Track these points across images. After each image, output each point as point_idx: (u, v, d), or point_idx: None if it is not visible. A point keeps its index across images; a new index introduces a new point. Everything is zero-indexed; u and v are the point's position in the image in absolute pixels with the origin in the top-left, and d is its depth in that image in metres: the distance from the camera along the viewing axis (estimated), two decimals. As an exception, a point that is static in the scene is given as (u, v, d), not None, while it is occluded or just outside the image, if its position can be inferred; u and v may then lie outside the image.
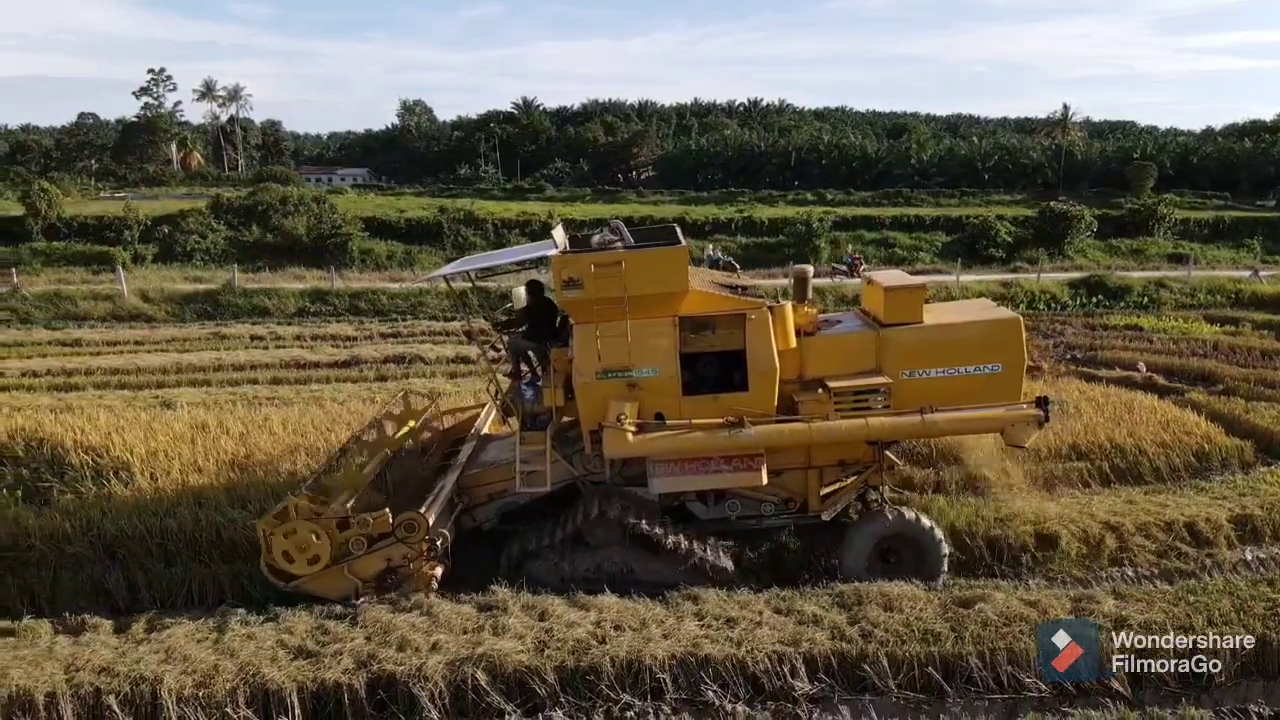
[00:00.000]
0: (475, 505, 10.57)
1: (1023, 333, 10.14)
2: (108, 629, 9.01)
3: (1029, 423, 9.70)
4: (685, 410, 9.61)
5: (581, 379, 9.60)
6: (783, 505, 10.51)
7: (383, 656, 8.32)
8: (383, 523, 9.27)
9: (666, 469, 9.74)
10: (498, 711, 8.03)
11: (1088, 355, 23.62)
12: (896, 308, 10.01)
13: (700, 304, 9.71)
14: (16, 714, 7.79)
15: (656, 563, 9.97)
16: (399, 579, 9.42)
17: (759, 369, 9.63)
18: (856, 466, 10.44)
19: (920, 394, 9.69)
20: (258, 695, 7.98)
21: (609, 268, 9.22)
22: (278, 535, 9.21)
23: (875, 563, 10.21)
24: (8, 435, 13.97)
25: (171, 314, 27.76)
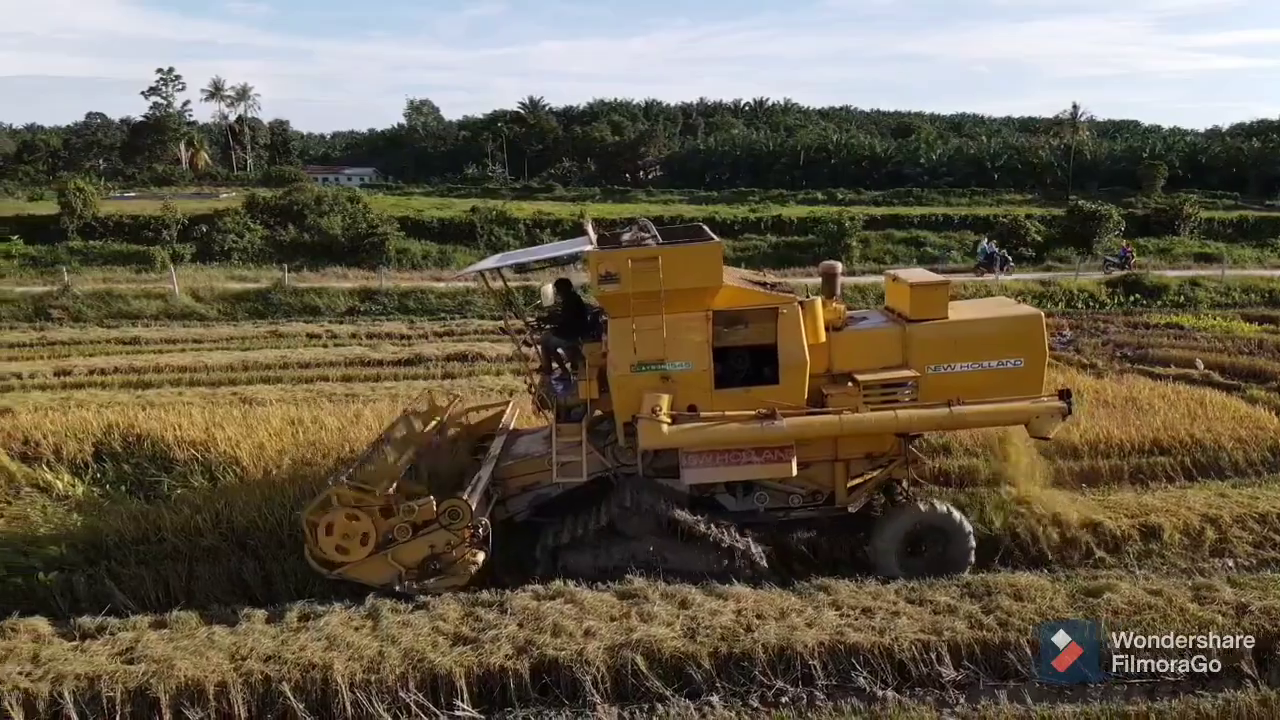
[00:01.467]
0: (508, 497, 10.78)
1: (1044, 329, 10.38)
2: (260, 618, 9.15)
3: (1053, 415, 9.87)
4: (717, 403, 9.81)
5: (616, 372, 9.81)
6: (810, 497, 10.69)
7: (540, 642, 8.49)
8: (427, 510, 9.45)
9: (699, 460, 9.95)
10: (657, 695, 8.19)
11: (1138, 353, 23.78)
12: (922, 304, 10.25)
13: (733, 299, 9.93)
14: (186, 704, 7.93)
15: (690, 552, 10.16)
16: (441, 566, 9.59)
17: (790, 363, 9.83)
18: (882, 459, 10.64)
19: (945, 388, 9.90)
20: (426, 680, 8.14)
21: (646, 263, 9.45)
22: (322, 524, 9.37)
23: (903, 555, 10.40)
24: (103, 431, 14.15)
25: (224, 313, 27.97)
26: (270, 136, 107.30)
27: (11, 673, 8.15)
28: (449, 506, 9.44)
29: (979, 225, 45.71)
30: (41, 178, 77.62)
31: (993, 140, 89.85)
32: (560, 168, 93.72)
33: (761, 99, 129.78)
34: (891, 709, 8.16)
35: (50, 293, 29.05)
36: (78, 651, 8.55)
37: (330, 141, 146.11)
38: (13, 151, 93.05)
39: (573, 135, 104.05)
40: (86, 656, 8.40)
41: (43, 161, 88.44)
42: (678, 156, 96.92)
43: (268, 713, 8.00)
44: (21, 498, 12.76)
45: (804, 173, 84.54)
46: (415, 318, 27.97)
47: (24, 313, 27.79)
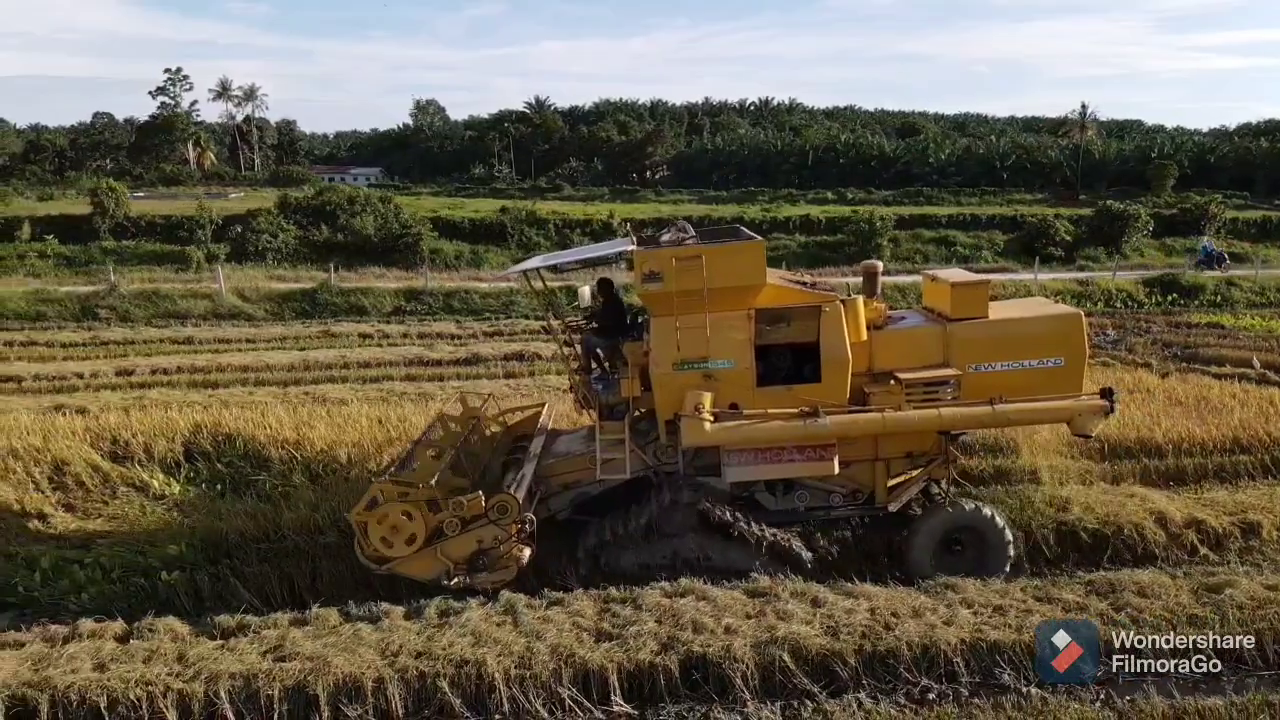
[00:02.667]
0: (550, 495, 10.83)
1: (1084, 328, 10.41)
2: (398, 614, 9.16)
3: (1096, 413, 9.92)
4: (758, 401, 9.84)
5: (659, 370, 9.85)
6: (850, 497, 10.72)
7: (684, 639, 8.51)
8: (476, 505, 9.50)
9: (740, 458, 9.97)
10: (804, 692, 8.24)
11: (1187, 352, 23.85)
12: (963, 303, 10.29)
13: (775, 297, 9.98)
14: (343, 701, 7.97)
15: (732, 550, 10.23)
16: (489, 560, 9.63)
17: (833, 361, 9.85)
18: (923, 459, 10.66)
19: (986, 387, 9.93)
20: (578, 675, 8.19)
21: (689, 261, 9.52)
22: (371, 522, 9.44)
23: (941, 555, 10.43)
24: (191, 431, 14.20)
25: (271, 313, 28.00)
26: (278, 136, 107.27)
27: (160, 674, 8.13)
28: (498, 501, 9.53)
29: (1006, 225, 45.82)
30: (49, 178, 77.68)
31: (1001, 140, 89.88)
32: (567, 168, 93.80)
33: (767, 99, 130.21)
34: (1037, 705, 8.22)
35: (96, 293, 29.08)
36: (224, 650, 8.55)
37: (334, 141, 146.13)
38: (19, 151, 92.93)
39: (579, 135, 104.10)
40: (235, 655, 8.41)
41: (49, 161, 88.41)
42: (684, 156, 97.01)
43: (424, 708, 8.02)
44: (119, 497, 12.83)
45: (811, 172, 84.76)
46: (461, 317, 28.02)
47: (71, 312, 27.87)
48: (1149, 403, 16.25)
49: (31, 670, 8.28)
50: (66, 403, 17.14)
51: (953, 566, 10.23)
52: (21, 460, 13.02)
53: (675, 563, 10.18)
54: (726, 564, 10.14)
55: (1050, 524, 11.44)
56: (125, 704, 7.86)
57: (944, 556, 10.43)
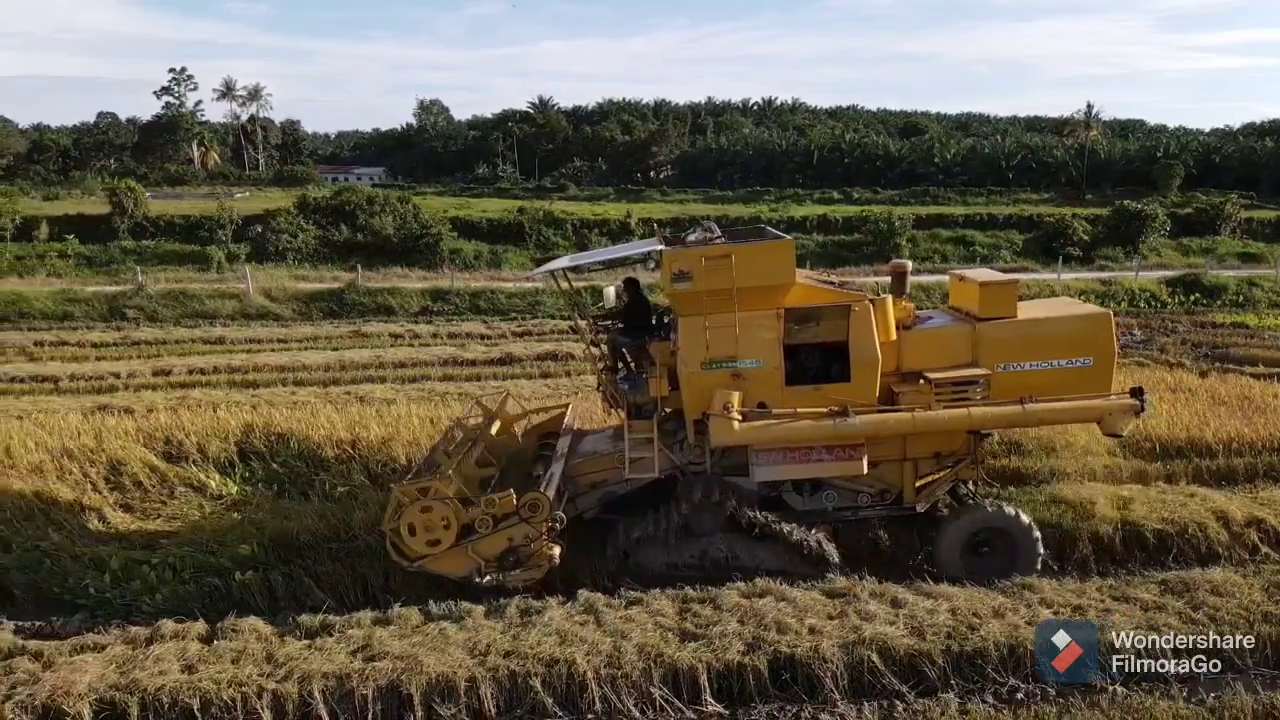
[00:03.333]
0: (577, 494, 10.84)
1: (1113, 327, 10.41)
2: (479, 613, 9.17)
3: (1126, 412, 9.93)
4: (787, 400, 9.85)
5: (687, 369, 9.85)
6: (878, 496, 10.72)
7: (769, 639, 8.53)
8: (508, 503, 9.53)
9: (769, 458, 9.98)
10: (893, 692, 8.26)
11: (1217, 353, 23.87)
12: (991, 303, 10.28)
13: (805, 296, 9.96)
14: (437, 700, 7.98)
15: (761, 550, 10.23)
16: (520, 558, 9.65)
17: (862, 360, 9.86)
18: (951, 458, 10.64)
19: (1015, 386, 9.92)
20: (668, 675, 8.20)
21: (719, 260, 9.51)
22: (404, 525, 9.44)
23: (968, 556, 10.40)
24: (243, 431, 14.21)
25: (298, 312, 28.00)
26: (281, 136, 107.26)
27: (251, 674, 8.14)
28: (529, 500, 9.56)
29: (1023, 225, 45.85)
30: (53, 178, 77.68)
31: (1006, 140, 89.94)
32: (572, 167, 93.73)
33: (770, 98, 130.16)
34: (1122, 703, 8.23)
35: (124, 292, 29.06)
36: (312, 650, 8.56)
37: (335, 141, 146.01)
38: (23, 151, 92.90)
39: (583, 135, 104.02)
40: (324, 655, 8.42)
41: (53, 161, 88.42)
42: (689, 156, 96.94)
43: (516, 707, 8.04)
44: (176, 498, 12.84)
45: (816, 172, 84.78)
46: (488, 318, 28.04)
47: (98, 312, 27.86)
48: (1193, 403, 16.25)
49: (118, 673, 8.28)
50: (109, 403, 17.15)
51: (980, 568, 10.21)
52: (77, 461, 13.01)
53: (704, 562, 10.20)
54: (755, 564, 10.16)
55: (1115, 523, 11.42)
56: (219, 705, 7.87)
57: (971, 558, 10.41)
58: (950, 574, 10.15)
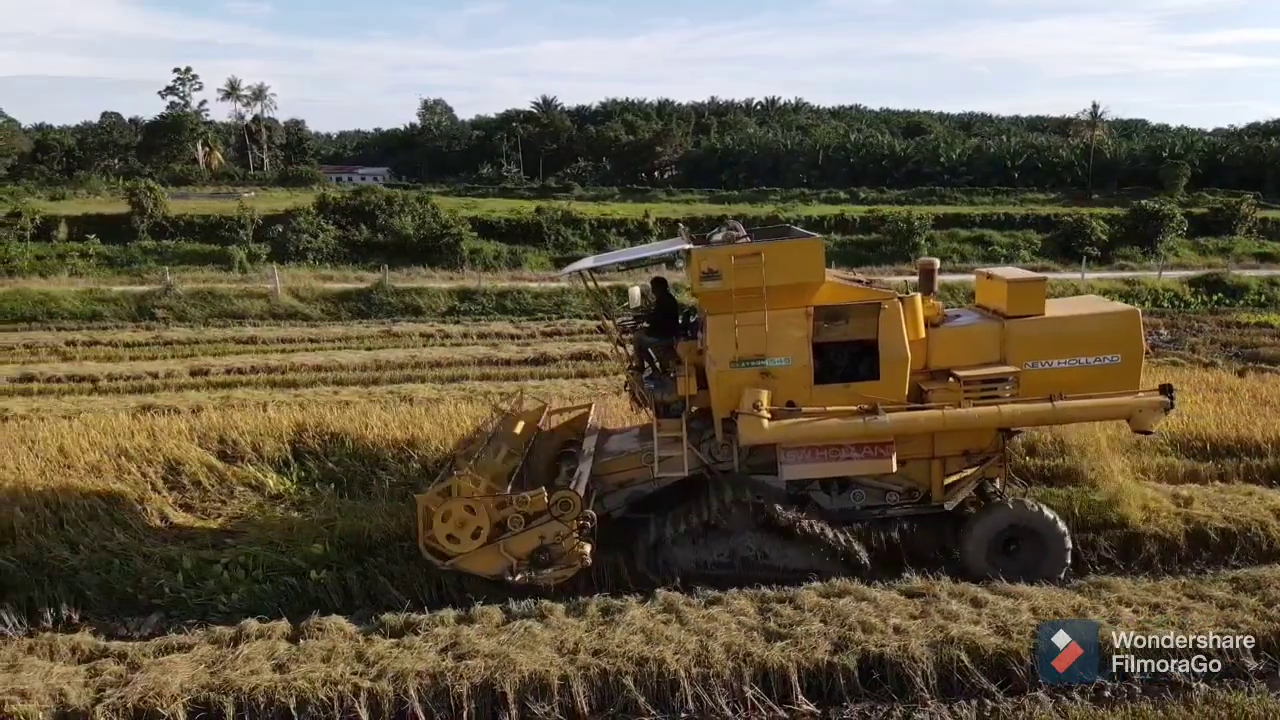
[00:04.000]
0: (605, 493, 10.88)
1: (1141, 325, 10.44)
2: (560, 612, 9.22)
3: (1156, 409, 9.94)
4: (816, 399, 9.87)
5: (716, 368, 9.88)
6: (906, 495, 10.71)
7: (856, 639, 8.58)
8: (539, 501, 9.58)
9: (797, 456, 9.98)
10: (983, 692, 8.30)
11: (1247, 352, 23.92)
12: (1020, 300, 10.30)
13: (834, 294, 10.00)
14: (530, 698, 8.01)
15: (791, 549, 10.25)
16: (551, 557, 9.68)
17: (891, 358, 9.88)
18: (979, 456, 10.63)
19: (1044, 384, 9.93)
20: (758, 674, 8.24)
21: (748, 259, 9.54)
22: (439, 513, 9.52)
23: (996, 554, 10.40)
24: (295, 430, 14.23)
25: (327, 312, 28.02)
26: (286, 136, 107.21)
27: (345, 673, 8.18)
28: (561, 498, 9.61)
29: (1039, 224, 45.88)
30: (58, 177, 77.61)
31: (1012, 140, 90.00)
32: (576, 167, 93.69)
33: (773, 98, 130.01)
34: (1203, 699, 8.25)
35: (152, 292, 29.10)
36: (400, 648, 8.61)
37: (338, 141, 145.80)
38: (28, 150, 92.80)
39: (586, 135, 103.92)
40: (414, 654, 8.46)
41: (57, 161, 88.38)
42: (693, 156, 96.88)
43: (609, 706, 8.09)
44: (235, 497, 12.86)
45: (821, 172, 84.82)
46: (515, 317, 28.08)
47: (127, 312, 27.89)
48: (1237, 402, 16.29)
49: (209, 673, 8.31)
50: (153, 402, 17.19)
51: (1007, 567, 10.20)
52: (135, 461, 13.02)
53: (733, 561, 10.23)
54: (785, 563, 10.21)
55: (1178, 521, 11.45)
56: (315, 704, 7.90)
57: (999, 556, 10.39)
58: (977, 572, 10.16)
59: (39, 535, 11.07)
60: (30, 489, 11.96)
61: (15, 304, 28.61)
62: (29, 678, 8.34)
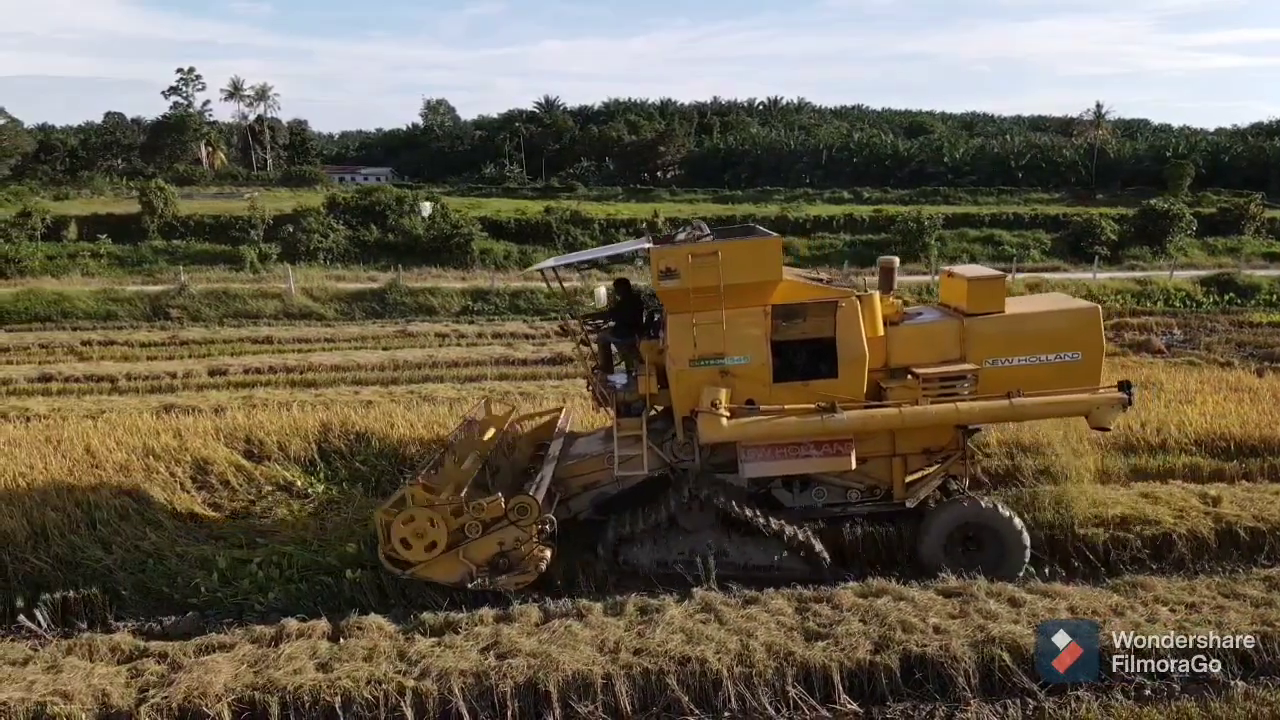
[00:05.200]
0: (570, 496, 10.90)
1: (1101, 322, 10.43)
2: (598, 611, 9.22)
3: (1114, 406, 9.93)
4: (775, 397, 9.89)
5: (676, 366, 9.90)
6: (868, 492, 10.75)
7: (897, 638, 8.58)
8: (496, 507, 9.56)
9: (757, 454, 10.01)
10: (1024, 691, 8.30)
11: (1261, 352, 23.94)
12: (980, 298, 10.32)
13: (792, 293, 10.01)
14: (573, 697, 8.01)
15: (751, 546, 10.26)
16: (511, 562, 9.69)
17: (849, 356, 9.92)
18: (940, 454, 10.66)
19: (1004, 381, 9.95)
20: (800, 674, 8.25)
21: (705, 258, 9.57)
22: (396, 523, 9.51)
23: (955, 551, 10.40)
24: (320, 430, 14.26)
25: (341, 312, 28.04)
26: (289, 136, 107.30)
27: (388, 672, 8.18)
28: (518, 503, 9.60)
29: (1048, 224, 45.87)
30: (61, 177, 77.64)
31: (1015, 139, 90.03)
32: (579, 167, 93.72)
33: (775, 98, 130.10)
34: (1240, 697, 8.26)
35: (166, 292, 29.13)
36: (442, 647, 8.62)
37: (340, 141, 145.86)
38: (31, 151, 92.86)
39: (589, 135, 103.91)
40: (456, 653, 8.46)
41: (61, 161, 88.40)
42: (696, 156, 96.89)
43: (652, 705, 8.08)
44: (264, 497, 12.90)
45: (825, 172, 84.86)
46: (528, 317, 28.08)
47: (141, 312, 27.91)
48: (1258, 402, 16.31)
49: (252, 672, 8.30)
50: (174, 402, 17.21)
51: (966, 564, 10.20)
52: (163, 460, 13.05)
53: (693, 559, 10.21)
54: (744, 561, 10.22)
55: (1207, 521, 11.46)
56: (360, 703, 7.91)
57: (958, 553, 10.40)
58: (933, 568, 10.18)
59: (71, 536, 11.07)
60: (60, 489, 11.98)
61: (29, 304, 28.68)
62: (70, 679, 8.33)
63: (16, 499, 11.64)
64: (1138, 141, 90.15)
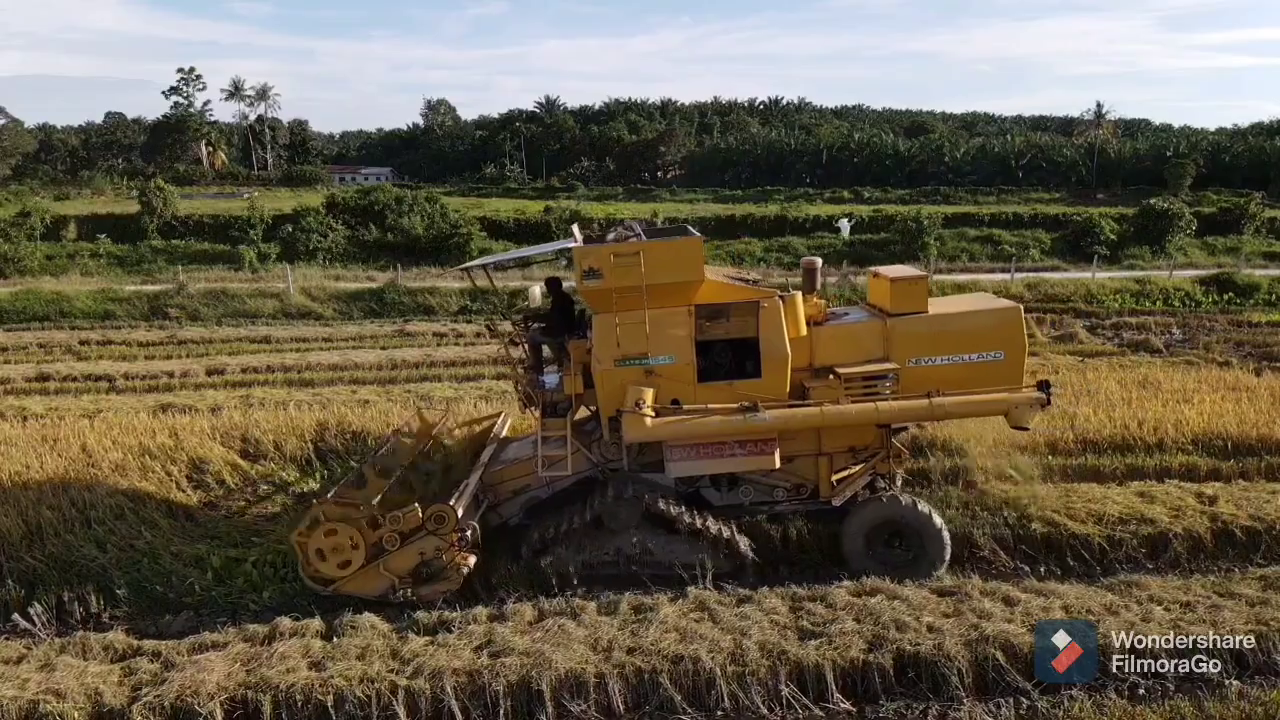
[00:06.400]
0: (500, 502, 10.87)
1: (1023, 322, 10.47)
2: (592, 610, 9.22)
3: (1032, 405, 9.96)
4: (700, 396, 9.92)
5: (600, 367, 9.90)
6: (794, 491, 10.77)
7: (890, 637, 8.57)
8: (413, 518, 9.50)
9: (683, 453, 10.04)
10: (1018, 690, 8.30)
11: (1261, 351, 23.93)
12: (902, 298, 10.35)
13: (715, 293, 10.03)
14: (566, 696, 8.01)
15: (676, 545, 10.21)
16: (433, 571, 9.65)
17: (772, 356, 9.95)
18: (866, 453, 10.69)
19: (926, 381, 10.01)
20: (793, 672, 8.24)
21: (628, 258, 9.56)
22: (311, 542, 9.46)
23: (878, 548, 10.42)
24: (317, 429, 14.25)
25: (339, 312, 28.03)
26: (290, 136, 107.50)
27: (381, 671, 8.18)
28: (434, 512, 9.51)
29: (1048, 223, 45.85)
30: (62, 177, 77.80)
31: (1016, 139, 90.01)
32: (579, 167, 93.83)
33: (776, 98, 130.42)
34: (1234, 697, 8.24)
35: (165, 292, 29.14)
36: (435, 646, 8.61)
37: (340, 141, 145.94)
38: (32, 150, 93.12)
39: (590, 135, 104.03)
40: (449, 651, 8.45)
41: (62, 161, 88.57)
42: (697, 155, 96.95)
43: (645, 703, 8.07)
44: (260, 495, 12.90)
45: (825, 171, 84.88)
46: (526, 317, 27.98)
47: (140, 311, 27.91)
48: (1256, 401, 16.28)
49: (245, 671, 8.29)
50: (171, 401, 17.19)
51: (887, 562, 10.28)
52: (158, 459, 13.05)
53: (619, 560, 10.18)
54: (669, 559, 10.15)
55: (1204, 520, 11.45)
56: (352, 702, 7.90)
57: (881, 550, 10.45)
58: (856, 566, 10.24)
59: (67, 534, 11.09)
60: (55, 488, 11.98)
61: (28, 303, 28.69)
62: (63, 677, 8.31)
63: (12, 498, 11.66)
64: (1138, 141, 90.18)
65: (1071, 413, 14.95)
